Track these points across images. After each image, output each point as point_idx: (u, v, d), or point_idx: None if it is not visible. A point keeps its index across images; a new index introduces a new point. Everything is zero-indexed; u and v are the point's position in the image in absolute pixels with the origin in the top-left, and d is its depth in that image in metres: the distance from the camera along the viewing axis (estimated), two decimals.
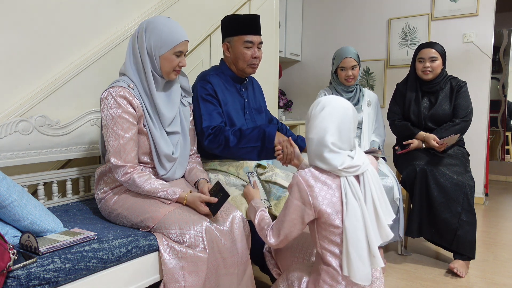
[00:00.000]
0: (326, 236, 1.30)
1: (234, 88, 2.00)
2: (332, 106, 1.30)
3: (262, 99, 2.19)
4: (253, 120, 2.04)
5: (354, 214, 1.24)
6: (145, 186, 1.52)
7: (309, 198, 1.26)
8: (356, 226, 1.24)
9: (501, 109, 5.59)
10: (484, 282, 2.17)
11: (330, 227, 1.28)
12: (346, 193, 1.26)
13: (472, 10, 3.76)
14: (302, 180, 1.27)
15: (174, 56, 1.60)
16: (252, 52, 1.91)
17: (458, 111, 2.48)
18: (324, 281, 1.30)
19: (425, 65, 2.47)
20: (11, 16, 1.70)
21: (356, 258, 1.23)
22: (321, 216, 1.27)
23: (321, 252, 1.32)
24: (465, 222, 2.22)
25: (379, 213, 1.28)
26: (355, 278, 1.23)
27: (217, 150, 1.85)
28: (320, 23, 4.68)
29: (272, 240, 1.37)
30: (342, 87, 2.60)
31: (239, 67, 1.95)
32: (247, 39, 1.90)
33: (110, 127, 1.53)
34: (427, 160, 2.41)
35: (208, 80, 1.91)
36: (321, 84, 4.51)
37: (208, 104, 1.87)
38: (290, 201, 1.30)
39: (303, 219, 1.29)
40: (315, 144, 1.29)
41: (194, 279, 1.38)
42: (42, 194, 1.79)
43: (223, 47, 1.97)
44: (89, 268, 1.24)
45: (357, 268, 1.23)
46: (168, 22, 1.60)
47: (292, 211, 1.30)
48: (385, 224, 1.29)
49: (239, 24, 1.90)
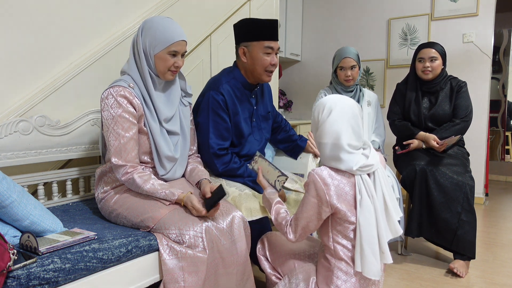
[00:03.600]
0: (341, 231, 1.34)
1: (245, 95, 1.94)
2: (339, 108, 1.32)
3: (270, 103, 2.14)
4: (259, 128, 2.02)
5: (368, 211, 1.29)
6: (145, 186, 1.52)
7: (326, 196, 1.29)
8: (370, 222, 1.28)
9: (501, 109, 5.59)
10: (484, 282, 2.17)
11: (345, 222, 1.32)
12: (361, 191, 1.30)
13: (472, 10, 3.76)
14: (318, 178, 1.30)
15: (168, 55, 1.58)
16: (271, 59, 1.84)
17: (458, 111, 2.48)
18: (337, 276, 1.34)
19: (425, 65, 2.47)
20: (11, 16, 1.70)
21: (370, 253, 1.27)
22: (337, 212, 1.31)
23: (333, 246, 1.35)
24: (465, 222, 2.22)
25: (389, 209, 1.33)
26: (368, 274, 1.28)
27: (211, 164, 1.85)
28: (320, 23, 4.68)
29: (291, 235, 1.40)
30: (342, 87, 2.60)
31: (256, 73, 1.87)
32: (267, 44, 1.81)
33: (110, 126, 1.53)
34: (427, 160, 2.41)
35: (221, 91, 1.83)
36: (321, 84, 4.51)
37: (217, 119, 1.82)
38: (306, 199, 1.34)
39: (320, 215, 1.33)
40: (330, 148, 1.32)
41: (193, 279, 1.38)
42: (42, 194, 1.79)
43: (240, 51, 1.88)
44: (89, 268, 1.24)
45: (371, 263, 1.27)
46: (165, 22, 1.59)
47: (310, 208, 1.33)
48: (395, 220, 1.35)
49: (259, 29, 1.81)
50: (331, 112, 1.32)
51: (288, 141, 2.21)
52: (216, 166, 1.84)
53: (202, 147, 1.86)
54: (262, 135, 2.04)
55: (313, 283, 1.40)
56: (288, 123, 2.27)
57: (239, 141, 1.92)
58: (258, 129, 2.01)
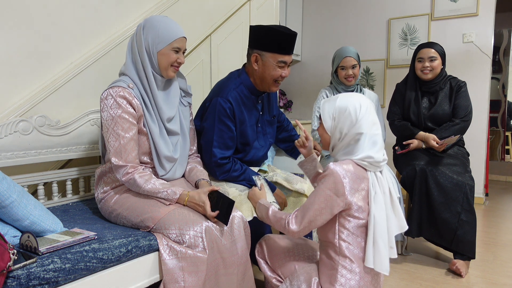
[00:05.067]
0: (348, 228, 1.35)
1: (251, 101, 1.90)
2: (365, 102, 1.39)
3: (276, 106, 2.12)
4: (264, 133, 2.00)
5: (380, 206, 1.32)
6: (146, 186, 1.52)
7: (344, 190, 1.32)
8: (383, 217, 1.32)
9: (501, 109, 5.59)
10: (484, 282, 2.17)
11: (354, 218, 1.34)
12: (374, 186, 1.34)
13: (472, 10, 3.76)
14: (338, 172, 1.33)
15: (172, 51, 1.60)
16: (283, 71, 1.80)
17: (457, 111, 2.48)
18: (341, 274, 1.35)
19: (424, 65, 2.47)
20: (11, 16, 1.70)
21: (384, 249, 1.31)
22: (350, 208, 1.33)
23: (339, 243, 1.36)
24: (464, 222, 2.22)
25: (395, 205, 1.38)
26: (381, 269, 1.31)
27: (210, 170, 1.85)
28: (320, 23, 4.69)
29: (294, 226, 1.39)
30: (343, 87, 2.60)
31: (265, 82, 1.84)
32: (281, 59, 1.77)
33: (110, 127, 1.53)
34: (427, 160, 2.41)
35: (229, 99, 1.79)
36: (321, 84, 4.51)
37: (223, 127, 1.80)
38: (321, 190, 1.34)
39: (332, 210, 1.34)
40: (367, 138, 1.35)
41: (193, 279, 1.38)
42: (42, 194, 1.79)
43: (252, 58, 1.81)
44: (89, 268, 1.24)
45: (384, 258, 1.31)
46: (165, 19, 1.62)
47: (323, 200, 1.33)
48: (402, 216, 1.39)
49: (277, 42, 1.74)
50: (362, 106, 1.37)
51: (289, 141, 2.22)
52: (216, 173, 1.83)
53: (204, 151, 1.85)
54: (267, 140, 2.02)
55: (315, 283, 1.40)
56: (290, 122, 2.27)
57: (244, 148, 1.91)
58: (263, 135, 2.00)
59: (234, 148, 1.86)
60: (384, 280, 2.18)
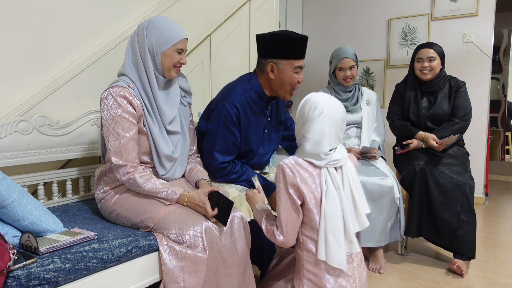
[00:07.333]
0: (307, 223, 1.37)
1: (260, 107, 1.87)
2: (330, 111, 1.36)
3: (283, 111, 2.11)
4: (270, 140, 1.99)
5: (333, 202, 1.33)
6: (146, 186, 1.52)
7: (295, 179, 1.33)
8: (335, 212, 1.33)
9: (501, 109, 5.59)
10: (484, 282, 2.17)
11: (310, 213, 1.35)
12: (326, 181, 1.34)
13: (472, 10, 3.76)
14: (286, 167, 1.35)
15: (175, 52, 1.62)
16: (299, 77, 1.80)
17: (457, 111, 2.49)
18: (307, 270, 1.38)
19: (424, 65, 2.48)
20: (11, 16, 1.70)
21: (334, 243, 1.31)
22: (305, 200, 1.34)
23: (302, 239, 1.40)
24: (464, 222, 2.22)
25: (357, 203, 1.38)
26: (332, 262, 1.32)
27: (210, 171, 1.84)
28: (320, 23, 4.68)
29: (281, 237, 1.40)
30: (341, 87, 2.60)
31: (282, 91, 1.82)
32: (297, 64, 1.77)
33: (110, 127, 1.53)
34: (427, 160, 2.41)
35: (236, 105, 1.78)
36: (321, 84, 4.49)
37: (227, 132, 1.79)
38: (280, 190, 1.36)
39: (295, 205, 1.35)
40: (312, 144, 1.35)
41: (193, 279, 1.38)
42: (42, 194, 1.79)
43: (268, 68, 1.78)
44: (89, 268, 1.24)
45: (335, 252, 1.31)
46: (168, 20, 1.63)
47: (284, 199, 1.36)
48: (362, 213, 1.39)
49: (291, 48, 1.74)
50: (322, 113, 1.35)
51: (291, 140, 2.22)
52: (215, 176, 1.84)
53: (206, 154, 1.85)
54: (271, 147, 2.01)
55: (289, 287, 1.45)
56: (293, 122, 2.27)
57: (247, 154, 1.91)
58: (268, 141, 1.98)
59: (236, 154, 1.86)
60: (384, 280, 2.19)
